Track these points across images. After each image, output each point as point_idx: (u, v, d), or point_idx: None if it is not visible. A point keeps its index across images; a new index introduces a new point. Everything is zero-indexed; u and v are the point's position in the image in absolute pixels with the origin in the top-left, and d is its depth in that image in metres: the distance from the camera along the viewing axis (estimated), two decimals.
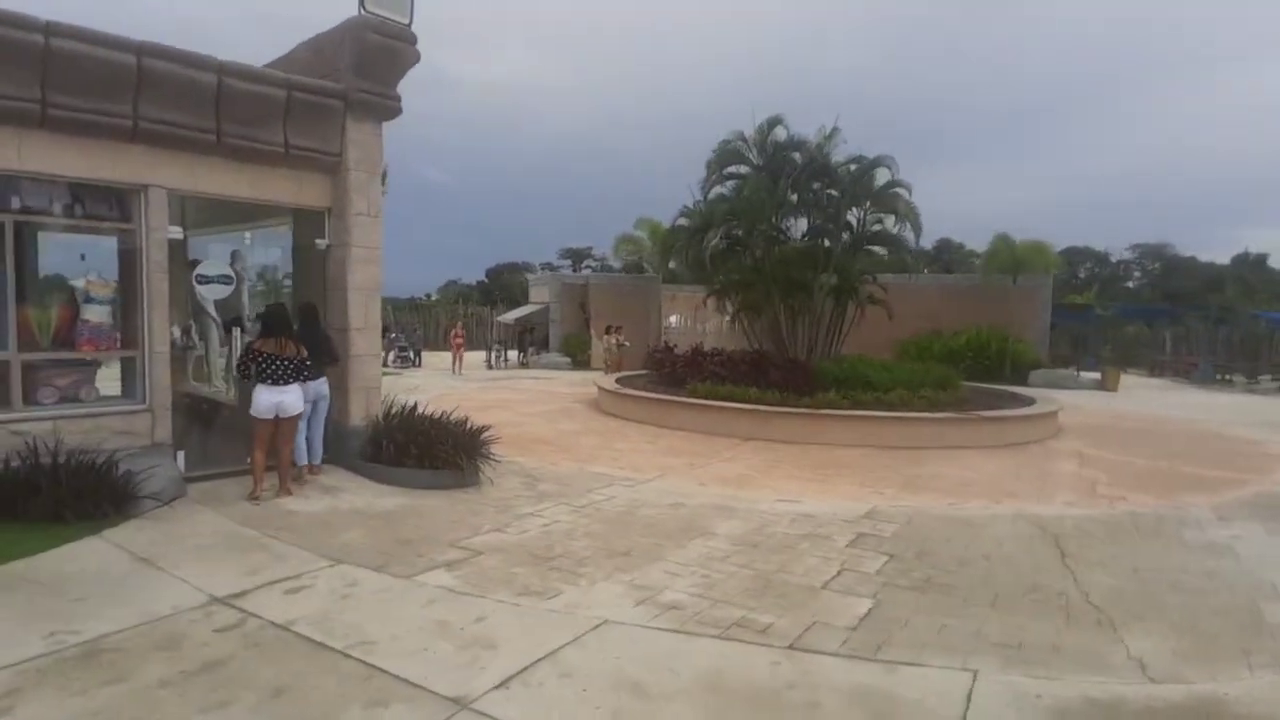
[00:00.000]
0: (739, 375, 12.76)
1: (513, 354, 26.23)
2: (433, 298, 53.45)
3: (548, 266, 63.31)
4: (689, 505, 7.05)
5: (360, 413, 7.69)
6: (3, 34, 5.50)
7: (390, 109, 7.74)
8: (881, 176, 14.17)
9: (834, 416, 10.90)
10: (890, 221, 14.51)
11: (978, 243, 38.37)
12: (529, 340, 25.71)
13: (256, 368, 6.59)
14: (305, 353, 6.77)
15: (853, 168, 14.18)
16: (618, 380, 15.16)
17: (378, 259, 7.75)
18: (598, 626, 4.27)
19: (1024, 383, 19.24)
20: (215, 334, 8.91)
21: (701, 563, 5.42)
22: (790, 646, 4.09)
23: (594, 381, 15.72)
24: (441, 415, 8.01)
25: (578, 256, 65.37)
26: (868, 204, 14.31)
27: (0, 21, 5.48)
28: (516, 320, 26.48)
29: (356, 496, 6.88)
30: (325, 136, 7.37)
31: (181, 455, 6.86)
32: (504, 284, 60.62)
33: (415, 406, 8.08)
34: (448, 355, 24.27)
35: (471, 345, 33.75)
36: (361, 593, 4.70)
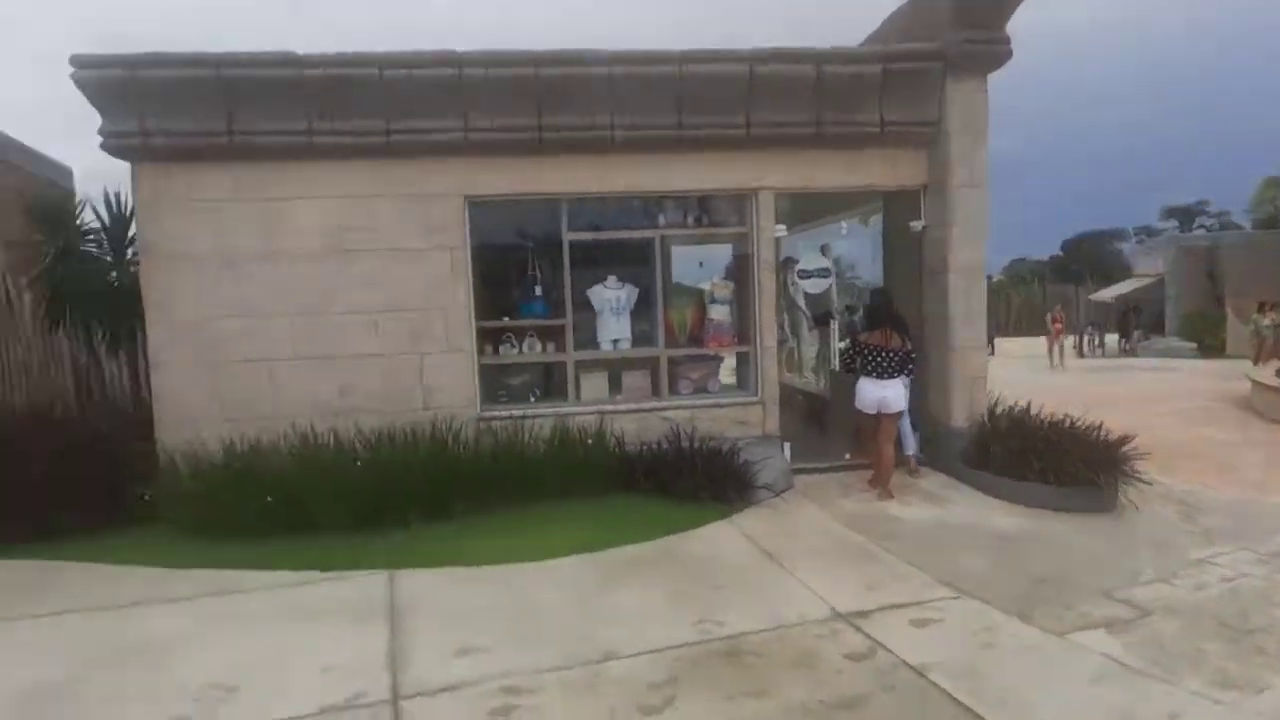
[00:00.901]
0: None
1: (1110, 339, 21.83)
2: (994, 279, 48.74)
3: (1144, 231, 51.56)
4: None
5: (963, 412, 6.80)
6: (648, 71, 6.30)
7: (997, 55, 6.60)
8: None
9: None
10: None
11: None
12: (1133, 321, 21.01)
13: (862, 360, 6.37)
14: (910, 345, 6.32)
15: None
16: None
17: (982, 236, 6.73)
18: None
19: None
20: (805, 327, 9.19)
21: None
22: None
23: (1243, 374, 11.61)
24: (1064, 419, 6.55)
25: (1186, 216, 51.30)
26: None
27: (649, 60, 6.29)
28: (1117, 299, 21.94)
29: (964, 509, 6.03)
30: (921, 105, 6.68)
31: (788, 447, 7.06)
32: (1085, 256, 51.51)
33: (1028, 406, 6.81)
34: (1023, 342, 21.54)
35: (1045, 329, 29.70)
36: (1003, 643, 3.82)
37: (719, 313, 7.14)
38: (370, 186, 6.43)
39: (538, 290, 7.04)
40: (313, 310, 6.43)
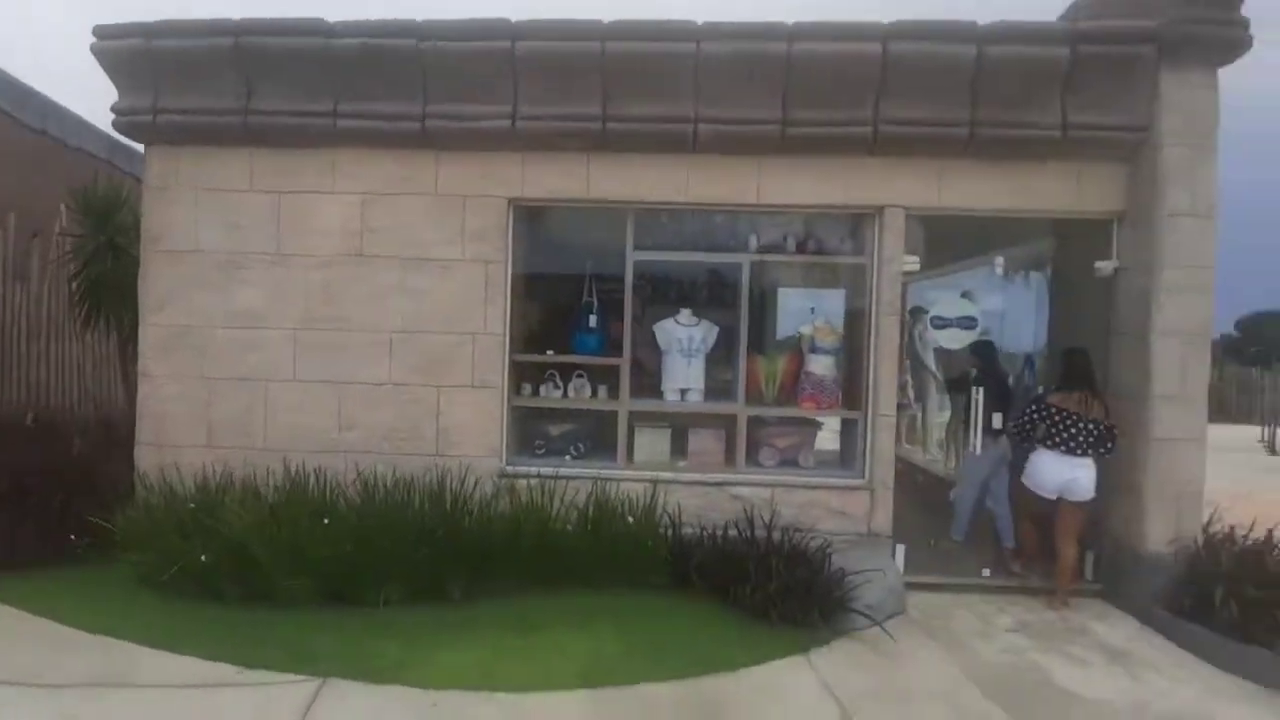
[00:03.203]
0: None
1: None
2: None
3: None
4: None
5: (1164, 533, 4.78)
6: (747, 49, 4.89)
7: (1234, 41, 4.74)
8: None
9: None
10: None
11: None
12: None
13: (1048, 428, 4.95)
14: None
15: None
16: None
17: (1207, 286, 4.76)
18: None
19: None
20: (934, 391, 7.32)
21: None
22: None
23: None
24: None
25: None
26: None
27: (749, 35, 4.88)
28: None
29: (1172, 682, 4.01)
30: (1123, 103, 4.87)
31: (901, 552, 5.25)
32: (1270, 338, 45.12)
33: (1269, 535, 4.69)
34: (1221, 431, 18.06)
35: (1230, 417, 25.26)
36: None
37: (820, 365, 5.50)
38: (398, 181, 5.34)
39: (592, 321, 5.69)
40: (319, 324, 5.36)
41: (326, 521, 4.52)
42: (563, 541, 4.85)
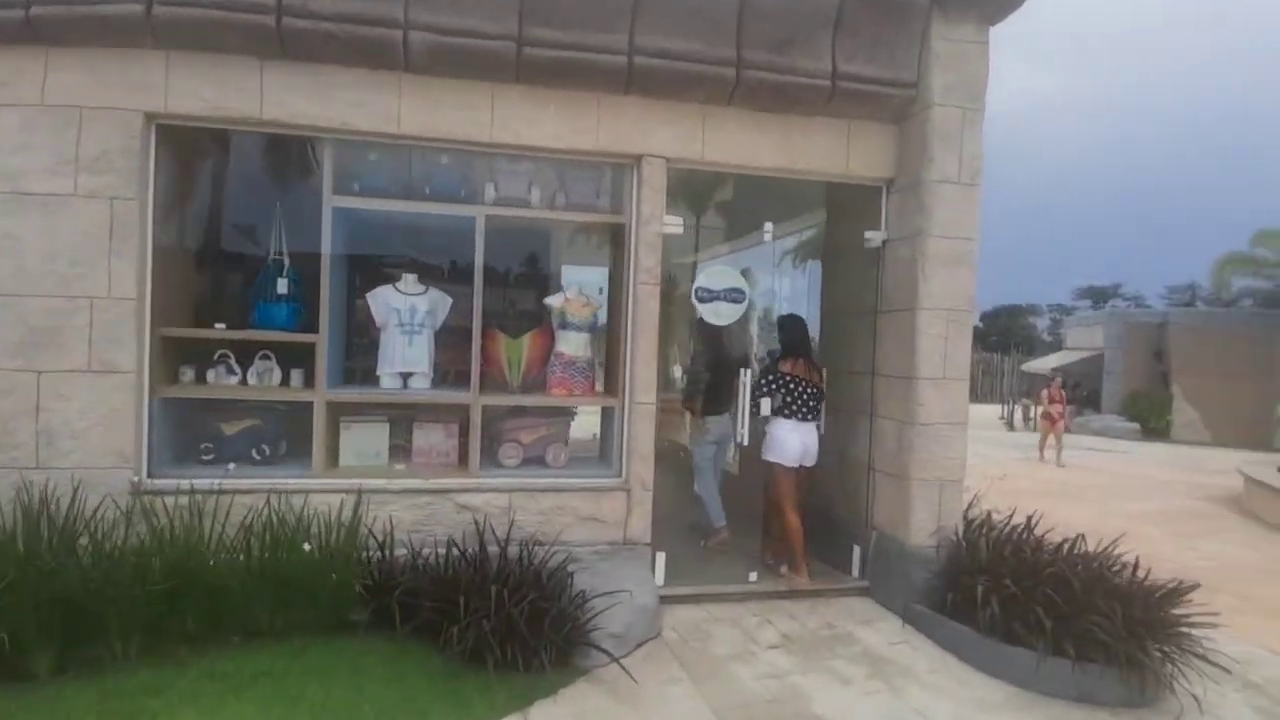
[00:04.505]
0: None
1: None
2: None
3: (1057, 309, 52.97)
4: None
5: (927, 524, 4.44)
6: None
7: None
8: None
9: None
10: None
11: None
12: (1070, 397, 19.67)
13: (784, 396, 4.85)
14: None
15: None
16: None
17: (971, 257, 4.47)
18: None
19: None
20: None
21: None
22: None
23: (1237, 469, 9.80)
24: (1075, 544, 4.28)
25: (1100, 296, 52.79)
26: None
27: None
28: (1053, 370, 20.62)
29: (932, 693, 3.60)
30: (895, 54, 4.43)
31: (662, 561, 4.54)
32: (1004, 328, 52.44)
33: (1028, 522, 4.50)
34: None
35: (978, 397, 28.43)
36: None
37: (573, 344, 4.63)
38: None
39: (282, 286, 4.38)
40: None
41: None
42: (216, 579, 3.57)
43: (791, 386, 4.84)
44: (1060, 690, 3.65)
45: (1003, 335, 47.15)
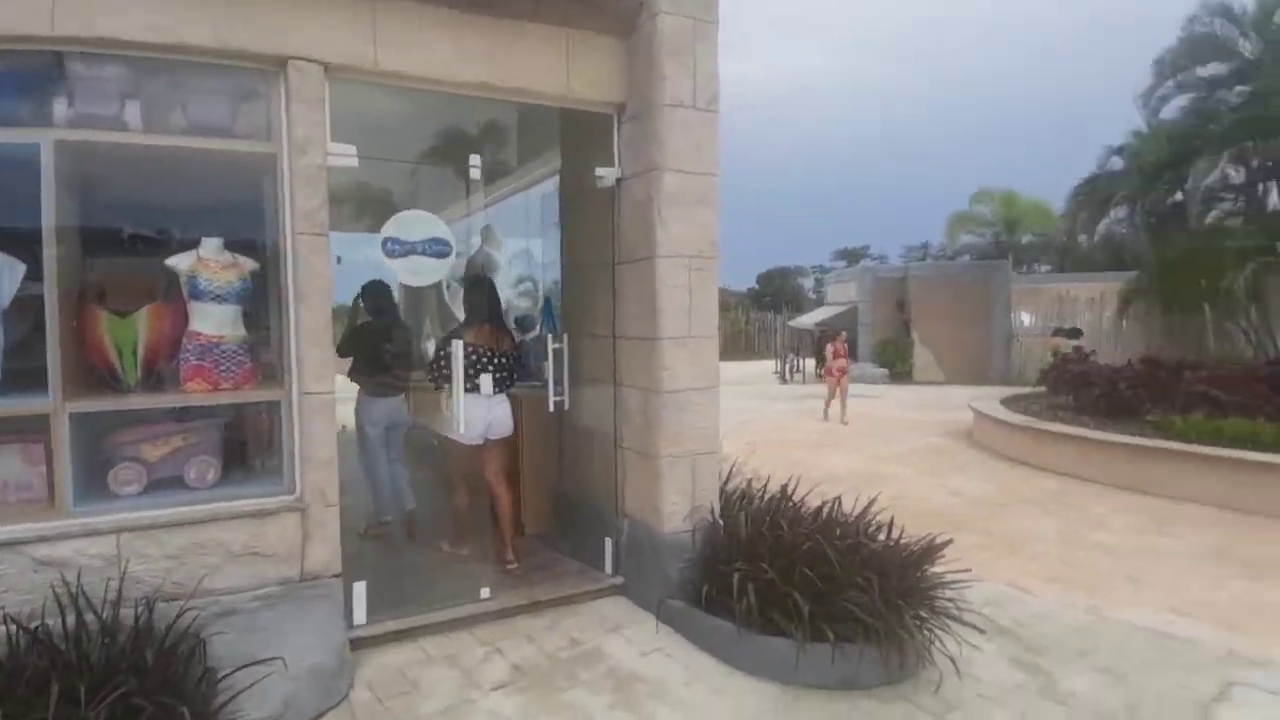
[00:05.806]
0: (1249, 403, 7.70)
1: (810, 363, 21.82)
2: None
3: (819, 270, 58.30)
4: None
5: (680, 507, 3.85)
6: None
7: None
8: None
9: None
10: None
11: None
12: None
13: (465, 368, 4.12)
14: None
15: None
16: (1010, 407, 9.99)
17: (713, 196, 3.86)
18: None
19: None
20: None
21: None
22: None
23: (968, 405, 10.70)
24: (832, 507, 3.92)
25: (852, 257, 58.96)
26: None
27: None
28: (817, 325, 22.00)
29: (685, 711, 3.00)
30: None
31: (362, 594, 3.52)
32: (778, 289, 56.91)
33: (784, 491, 4.07)
34: (738, 367, 20.64)
35: (755, 354, 30.03)
36: None
37: (213, 320, 3.39)
38: None
39: None
40: None
41: None
42: None
43: (475, 358, 4.27)
44: (822, 679, 3.24)
45: (775, 295, 50.99)
